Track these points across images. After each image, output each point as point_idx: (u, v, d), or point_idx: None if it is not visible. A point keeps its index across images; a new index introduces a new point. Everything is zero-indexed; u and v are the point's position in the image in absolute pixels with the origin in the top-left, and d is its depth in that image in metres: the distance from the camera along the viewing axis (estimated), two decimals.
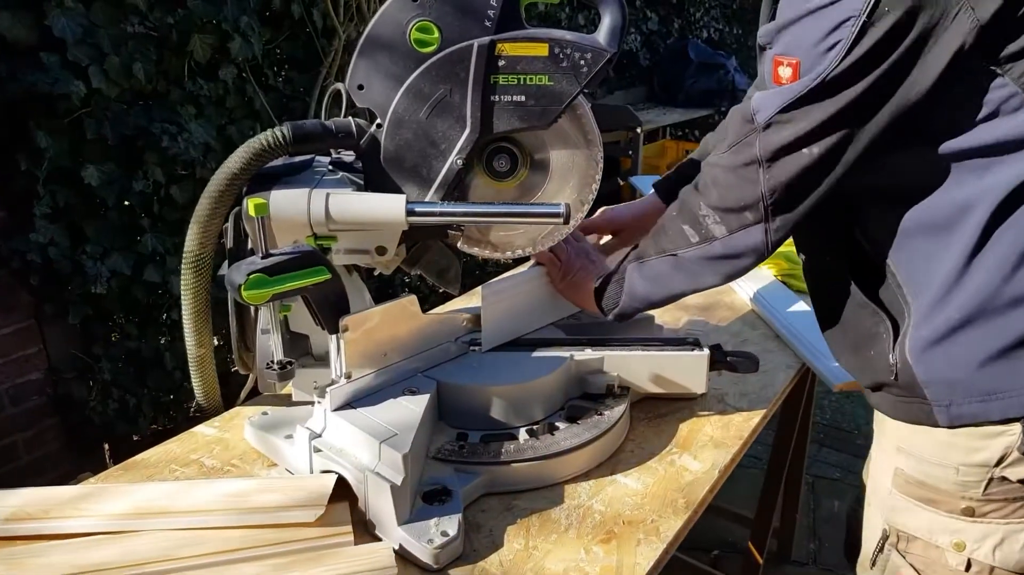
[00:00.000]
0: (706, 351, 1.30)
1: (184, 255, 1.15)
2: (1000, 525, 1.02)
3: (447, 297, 1.66)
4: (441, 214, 1.13)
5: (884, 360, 1.06)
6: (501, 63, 1.11)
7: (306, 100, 2.65)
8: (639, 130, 4.24)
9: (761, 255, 1.11)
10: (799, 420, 2.25)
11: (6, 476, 2.23)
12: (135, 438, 2.49)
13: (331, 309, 1.11)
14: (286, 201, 1.11)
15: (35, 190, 2.06)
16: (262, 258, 1.03)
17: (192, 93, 2.32)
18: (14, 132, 2.03)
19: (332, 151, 1.29)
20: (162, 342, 2.51)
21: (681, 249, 1.15)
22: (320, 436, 1.12)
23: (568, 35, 1.13)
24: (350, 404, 1.13)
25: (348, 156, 1.27)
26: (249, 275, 1.01)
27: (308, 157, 1.21)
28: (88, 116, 2.12)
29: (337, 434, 1.11)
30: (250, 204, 1.01)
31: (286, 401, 1.30)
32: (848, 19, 0.91)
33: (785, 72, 0.98)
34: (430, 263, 1.25)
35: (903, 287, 1.04)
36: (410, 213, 1.12)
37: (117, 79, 2.11)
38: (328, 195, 1.11)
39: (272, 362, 1.11)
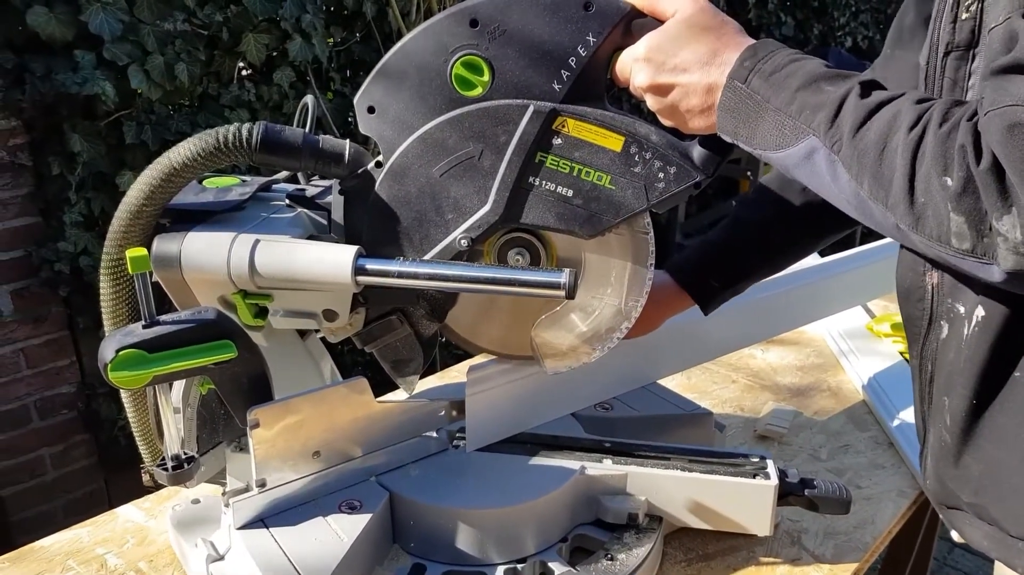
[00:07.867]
0: (773, 480, 0.93)
1: (103, 262, 0.87)
2: None
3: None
4: (400, 274, 0.83)
5: None
6: (556, 141, 0.83)
7: None
8: None
9: None
10: (927, 518, 1.79)
11: (32, 491, 2.14)
12: None
13: (241, 396, 0.83)
14: (203, 247, 0.84)
15: (67, 196, 1.95)
16: (144, 326, 0.78)
17: (243, 97, 2.15)
18: (48, 134, 1.92)
19: (300, 178, 1.03)
20: None
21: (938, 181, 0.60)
22: (222, 559, 0.85)
23: (656, 134, 0.82)
24: (262, 521, 0.85)
25: (315, 187, 0.99)
26: (120, 351, 0.76)
27: (252, 188, 0.95)
28: (128, 119, 1.99)
29: (239, 562, 0.83)
30: (128, 257, 0.75)
31: None
32: None
33: None
34: (388, 348, 0.94)
35: None
36: (360, 271, 0.83)
37: (159, 80, 1.97)
38: (257, 242, 0.84)
39: (169, 456, 0.85)
